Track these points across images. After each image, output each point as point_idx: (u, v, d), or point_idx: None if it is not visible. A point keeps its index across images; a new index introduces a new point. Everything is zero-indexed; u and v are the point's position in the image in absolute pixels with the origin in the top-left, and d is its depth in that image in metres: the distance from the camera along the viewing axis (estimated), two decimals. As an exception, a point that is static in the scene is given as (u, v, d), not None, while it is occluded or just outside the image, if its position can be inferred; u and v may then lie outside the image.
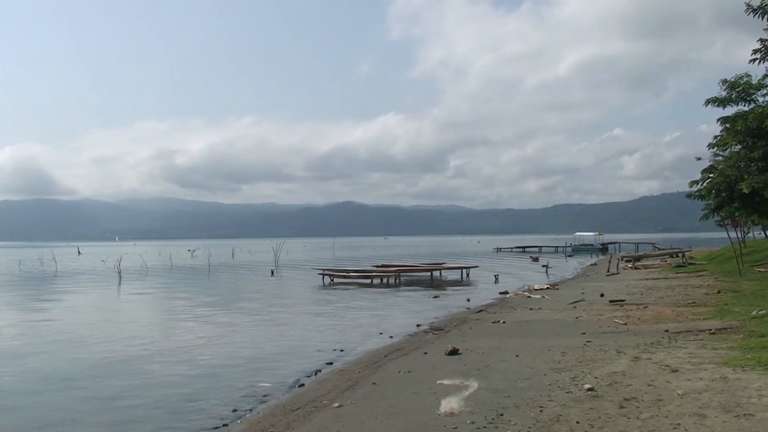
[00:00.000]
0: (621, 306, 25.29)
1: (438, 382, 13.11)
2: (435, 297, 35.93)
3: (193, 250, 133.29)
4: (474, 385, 12.52)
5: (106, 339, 22.83)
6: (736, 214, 37.91)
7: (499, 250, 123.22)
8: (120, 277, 56.94)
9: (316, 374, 16.42)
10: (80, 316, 30.76)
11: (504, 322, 22.59)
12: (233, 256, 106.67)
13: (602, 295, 29.65)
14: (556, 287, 37.09)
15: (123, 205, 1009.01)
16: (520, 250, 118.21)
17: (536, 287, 37.12)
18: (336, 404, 12.18)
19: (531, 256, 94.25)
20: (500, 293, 36.18)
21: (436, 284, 45.62)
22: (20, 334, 24.52)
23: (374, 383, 13.89)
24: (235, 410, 13.19)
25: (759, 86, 33.47)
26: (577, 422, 9.58)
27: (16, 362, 18.75)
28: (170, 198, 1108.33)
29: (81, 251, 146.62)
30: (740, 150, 35.43)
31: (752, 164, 32.69)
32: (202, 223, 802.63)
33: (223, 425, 12.30)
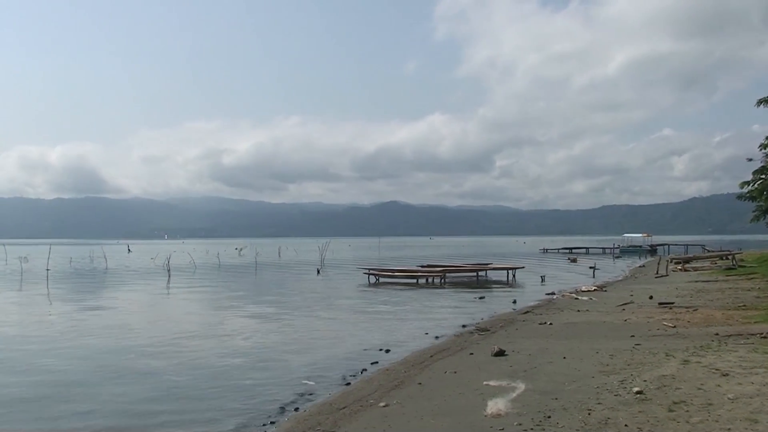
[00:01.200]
0: (670, 309, 24.97)
1: (484, 383, 13.09)
2: (481, 298, 35.76)
3: (240, 249, 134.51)
4: (521, 386, 12.48)
5: (154, 335, 23.15)
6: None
7: (545, 251, 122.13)
8: (169, 275, 57.71)
9: (361, 373, 16.48)
10: (128, 312, 31.28)
11: (551, 324, 22.44)
12: (279, 255, 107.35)
13: (651, 298, 29.31)
14: (603, 289, 36.70)
15: (172, 203, 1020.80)
16: (567, 251, 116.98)
17: (583, 289, 36.78)
18: (382, 404, 12.22)
19: (569, 258, 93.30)
20: (547, 294, 35.93)
21: (481, 285, 45.39)
22: (71, 328, 24.96)
23: (420, 383, 13.90)
24: (282, 408, 13.31)
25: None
26: (626, 425, 9.51)
27: (69, 354, 19.15)
28: (218, 197, 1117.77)
29: (131, 249, 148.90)
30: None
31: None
32: (249, 222, 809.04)
33: (271, 422, 12.41)
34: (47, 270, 63.13)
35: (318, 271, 61.59)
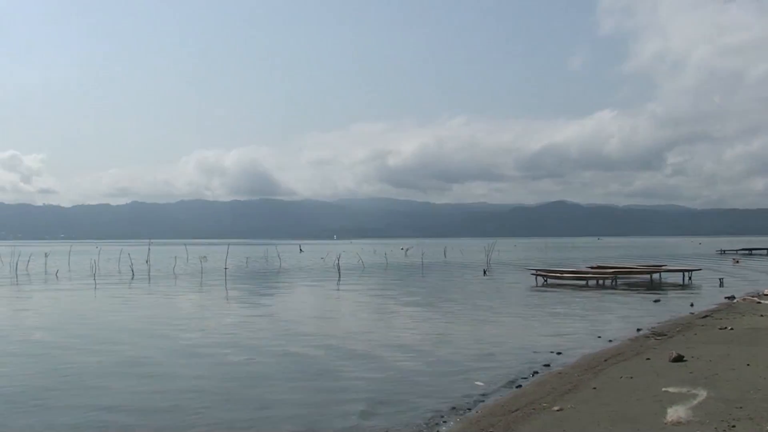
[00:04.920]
0: None
1: (663, 389, 12.68)
2: (655, 301, 34.55)
3: (407, 249, 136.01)
4: (702, 393, 12.00)
5: (325, 332, 23.86)
6: None
7: (722, 252, 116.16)
8: (339, 274, 59.32)
9: (533, 375, 16.32)
10: (300, 309, 32.44)
11: (732, 329, 21.40)
12: (445, 255, 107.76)
13: None
14: (791, 293, 34.52)
15: (340, 204, 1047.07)
16: (747, 252, 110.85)
17: (766, 292, 34.75)
18: (556, 407, 12.07)
19: (733, 258, 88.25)
20: (726, 298, 34.25)
21: (655, 287, 43.80)
22: (247, 323, 26.13)
23: (595, 388, 13.62)
24: (453, 408, 13.39)
25: None
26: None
27: (247, 348, 20.10)
28: (384, 198, 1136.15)
29: (302, 249, 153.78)
30: None
31: None
32: (414, 223, 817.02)
33: (443, 421, 12.52)
34: (225, 269, 66.42)
35: (485, 272, 61.38)
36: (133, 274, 60.40)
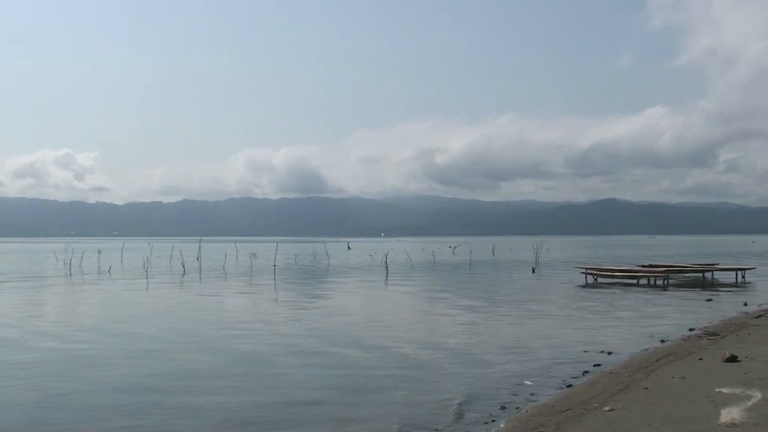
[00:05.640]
0: None
1: (716, 389, 12.50)
2: (708, 300, 34.01)
3: (454, 247, 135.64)
4: (757, 395, 11.80)
5: (374, 332, 23.97)
6: None
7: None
8: (387, 272, 59.45)
9: (583, 375, 16.21)
10: (349, 307, 32.60)
11: (788, 329, 20.99)
12: (493, 253, 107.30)
13: None
14: None
15: (388, 202, 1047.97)
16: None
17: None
18: (607, 408, 11.97)
19: None
20: (782, 297, 33.60)
21: (708, 286, 43.11)
22: (296, 319, 26.34)
23: (646, 388, 13.48)
24: (503, 407, 13.35)
25: None
26: None
27: (293, 343, 20.28)
28: (432, 195, 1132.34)
29: (350, 246, 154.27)
30: None
31: None
32: (462, 221, 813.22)
33: (492, 421, 12.51)
34: (274, 266, 67.06)
35: (533, 270, 60.99)
36: (184, 271, 61.28)
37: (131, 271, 63.35)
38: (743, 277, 48.40)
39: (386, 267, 63.80)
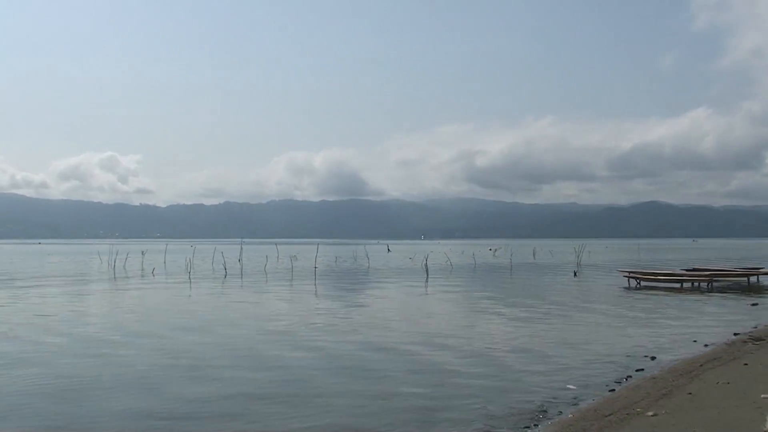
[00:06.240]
0: None
1: (762, 395, 12.33)
2: (753, 305, 33.44)
3: (495, 250, 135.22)
4: (805, 402, 11.60)
5: (411, 332, 24.00)
6: None
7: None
8: (427, 274, 59.42)
9: (626, 380, 16.05)
10: (388, 309, 32.56)
11: (837, 335, 20.57)
12: (534, 256, 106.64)
13: None
14: None
15: (427, 205, 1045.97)
16: None
17: None
18: (650, 413, 11.86)
19: None
20: (831, 303, 32.94)
21: (753, 290, 42.40)
22: (337, 322, 26.45)
23: (690, 393, 13.32)
24: (544, 411, 13.30)
25: None
26: None
27: (331, 347, 20.39)
28: (472, 198, 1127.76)
29: (390, 249, 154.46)
30: None
31: None
32: (502, 223, 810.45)
33: (534, 425, 12.45)
34: (315, 268, 67.37)
35: (575, 274, 60.49)
36: (225, 273, 61.85)
37: (174, 273, 64.08)
38: (790, 281, 47.52)
39: (426, 270, 63.76)
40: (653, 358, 18.66)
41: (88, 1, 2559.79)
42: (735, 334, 22.96)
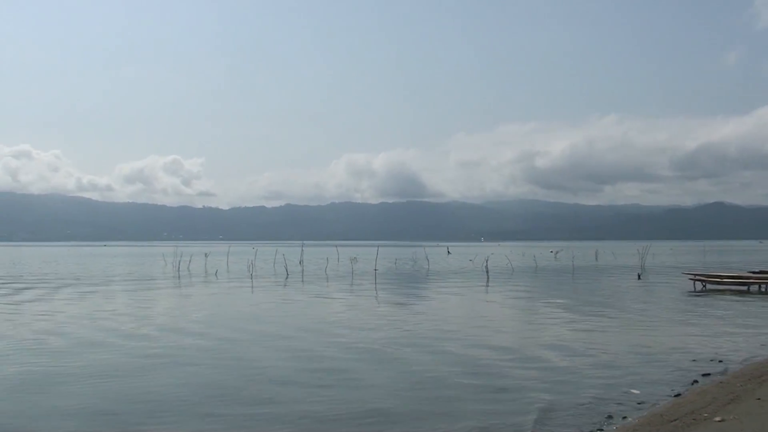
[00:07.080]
0: None
1: (834, 402, 12.05)
2: (825, 308, 32.65)
3: (556, 252, 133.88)
4: None
5: (472, 335, 24.00)
6: None
7: None
8: (488, 276, 59.23)
9: (693, 384, 15.84)
10: (448, 311, 32.65)
11: None
12: (597, 259, 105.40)
13: None
14: None
15: (487, 206, 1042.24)
16: None
17: None
18: (717, 418, 11.71)
19: None
20: None
21: (825, 294, 41.29)
22: (398, 323, 26.56)
23: (759, 398, 13.11)
24: (609, 416, 13.18)
25: None
26: None
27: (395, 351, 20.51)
28: (532, 199, 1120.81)
29: (450, 251, 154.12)
30: None
31: None
32: (563, 225, 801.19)
33: (599, 429, 12.39)
34: (375, 270, 67.69)
35: (639, 276, 59.63)
36: (287, 275, 62.54)
37: (237, 274, 65.05)
38: None
39: (487, 272, 63.57)
40: (720, 362, 18.39)
41: (153, 7, 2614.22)
42: (805, 339, 22.45)
